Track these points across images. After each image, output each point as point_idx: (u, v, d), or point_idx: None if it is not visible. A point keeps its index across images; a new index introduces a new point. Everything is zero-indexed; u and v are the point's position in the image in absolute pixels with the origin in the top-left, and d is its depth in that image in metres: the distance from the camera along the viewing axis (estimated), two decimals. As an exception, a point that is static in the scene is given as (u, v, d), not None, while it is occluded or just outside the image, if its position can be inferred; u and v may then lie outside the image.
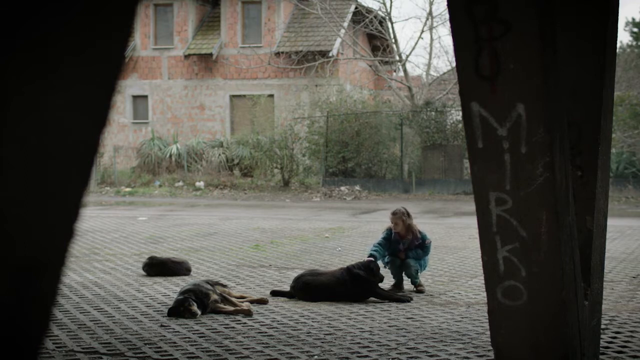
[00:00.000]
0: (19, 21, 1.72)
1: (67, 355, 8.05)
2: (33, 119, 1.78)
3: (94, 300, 10.75)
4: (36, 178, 1.81)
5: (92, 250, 15.69)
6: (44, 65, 1.77)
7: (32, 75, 1.77)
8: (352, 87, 38.03)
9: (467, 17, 5.48)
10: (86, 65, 1.82)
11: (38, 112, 1.77)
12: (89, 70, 1.83)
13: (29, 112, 1.77)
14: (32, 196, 1.81)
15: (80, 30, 1.80)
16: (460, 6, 5.50)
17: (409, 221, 11.91)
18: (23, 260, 1.81)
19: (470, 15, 5.47)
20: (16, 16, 1.71)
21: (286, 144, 33.40)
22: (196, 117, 39.39)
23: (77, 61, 1.80)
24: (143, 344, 8.42)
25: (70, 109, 1.82)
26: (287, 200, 29.45)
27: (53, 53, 1.76)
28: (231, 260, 14.43)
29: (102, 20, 1.83)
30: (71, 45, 1.78)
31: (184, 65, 39.62)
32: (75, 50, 1.79)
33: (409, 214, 12.07)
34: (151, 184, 34.23)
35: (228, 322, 9.46)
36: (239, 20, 39.18)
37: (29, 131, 1.78)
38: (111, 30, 1.87)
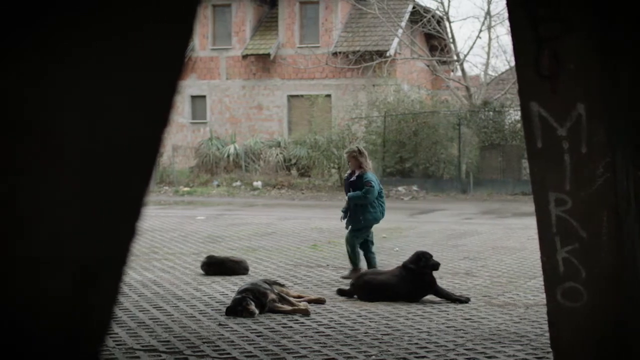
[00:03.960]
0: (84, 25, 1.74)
1: (126, 352, 8.13)
2: (96, 120, 1.80)
3: (153, 299, 10.84)
4: (99, 178, 1.84)
5: (151, 249, 15.82)
6: (107, 67, 1.79)
7: (96, 76, 1.79)
8: (409, 86, 37.89)
9: (527, 17, 5.44)
10: (149, 67, 1.84)
11: (101, 113, 1.80)
12: (151, 71, 1.85)
13: (92, 112, 1.79)
14: (95, 196, 1.84)
15: (142, 33, 1.82)
16: (519, 5, 5.46)
17: (361, 159, 12.22)
18: (86, 260, 1.84)
19: (530, 14, 5.43)
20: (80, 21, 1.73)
21: (343, 143, 33.34)
22: (254, 117, 39.53)
23: (140, 62, 1.82)
24: (201, 343, 8.48)
25: (133, 109, 1.84)
26: (344, 200, 29.42)
27: (116, 55, 1.79)
28: (289, 260, 14.46)
29: (164, 22, 1.85)
30: (134, 47, 1.80)
31: (242, 66, 39.78)
32: (138, 51, 1.81)
33: (360, 151, 12.38)
34: (209, 184, 34.41)
35: (286, 321, 9.49)
36: (297, 21, 39.24)
37: (92, 131, 1.80)
38: (172, 31, 1.89)
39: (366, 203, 12.26)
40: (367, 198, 12.21)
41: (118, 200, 1.88)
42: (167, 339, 8.63)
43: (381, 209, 12.49)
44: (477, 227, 20.01)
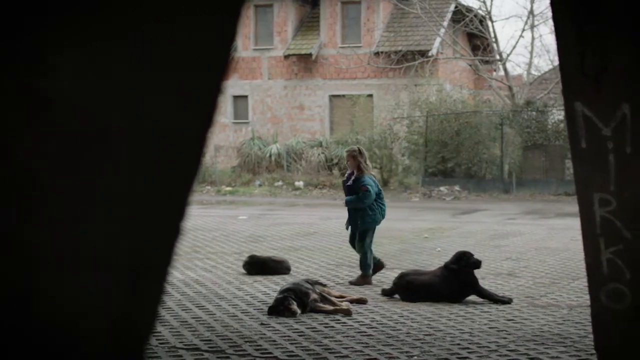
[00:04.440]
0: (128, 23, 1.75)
1: (169, 351, 8.18)
2: (141, 120, 1.81)
3: (195, 298, 10.90)
4: (144, 178, 1.85)
5: (193, 249, 15.89)
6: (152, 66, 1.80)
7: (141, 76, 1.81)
8: (451, 86, 37.75)
9: (571, 16, 5.40)
10: (194, 67, 1.85)
11: (146, 113, 1.81)
12: (197, 71, 1.86)
13: (138, 113, 1.80)
14: (140, 196, 1.85)
15: (187, 33, 1.83)
16: (563, 5, 5.43)
17: (360, 159, 12.04)
18: (131, 259, 1.85)
19: (575, 13, 5.39)
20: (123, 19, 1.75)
21: (385, 143, 33.33)
22: (296, 117, 39.58)
23: (185, 62, 1.83)
24: (243, 342, 8.51)
25: (178, 109, 1.85)
26: (386, 200, 29.38)
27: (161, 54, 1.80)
28: (330, 260, 14.48)
29: (209, 22, 1.86)
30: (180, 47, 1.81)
31: (284, 66, 39.84)
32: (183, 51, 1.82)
33: (361, 152, 12.20)
34: (251, 184, 34.52)
35: (327, 321, 9.49)
36: (339, 21, 39.23)
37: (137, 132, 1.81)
38: (217, 31, 1.90)
39: (364, 207, 12.09)
40: (364, 202, 12.00)
41: (163, 200, 1.89)
42: (209, 338, 8.67)
43: (381, 211, 12.27)
44: (520, 228, 19.90)
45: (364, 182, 11.96)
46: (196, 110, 1.91)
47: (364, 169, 12.09)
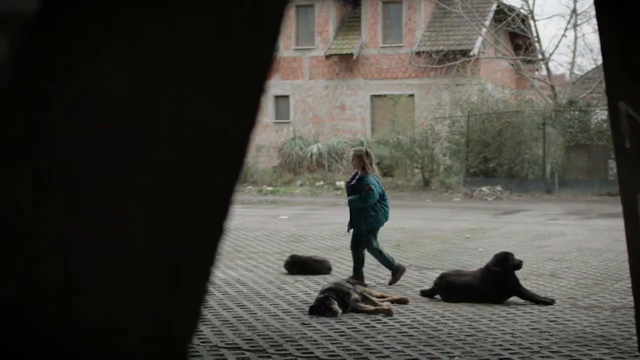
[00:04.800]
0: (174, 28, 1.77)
1: (211, 350, 8.22)
2: (184, 119, 1.83)
3: (236, 298, 10.93)
4: (188, 177, 1.86)
5: (235, 248, 15.95)
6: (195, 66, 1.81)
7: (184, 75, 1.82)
8: (493, 86, 37.57)
9: (616, 15, 5.36)
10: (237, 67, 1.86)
11: (190, 113, 1.82)
12: (240, 71, 1.87)
13: (181, 112, 1.82)
14: (183, 195, 1.86)
15: (230, 34, 1.84)
16: (607, 3, 5.38)
17: (366, 160, 11.93)
18: (174, 259, 1.86)
19: (619, 12, 5.35)
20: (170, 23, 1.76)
21: (427, 143, 33.25)
22: (337, 116, 39.58)
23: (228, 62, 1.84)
24: (284, 342, 8.52)
25: (221, 109, 1.86)
26: (427, 200, 29.32)
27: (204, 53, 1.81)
28: (371, 260, 14.44)
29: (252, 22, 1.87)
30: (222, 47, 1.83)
31: (325, 66, 39.86)
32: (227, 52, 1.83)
33: (367, 153, 12.09)
34: (292, 183, 34.57)
35: (368, 321, 9.49)
36: (380, 21, 39.19)
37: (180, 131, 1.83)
38: (261, 32, 1.91)
39: (366, 207, 11.97)
40: (367, 202, 11.90)
41: (206, 199, 1.91)
42: (250, 337, 8.70)
43: (384, 212, 12.14)
44: (562, 228, 19.76)
45: (367, 181, 11.90)
46: (239, 110, 1.92)
47: (368, 169, 12.02)
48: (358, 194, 11.93)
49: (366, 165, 12.00)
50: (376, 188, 11.92)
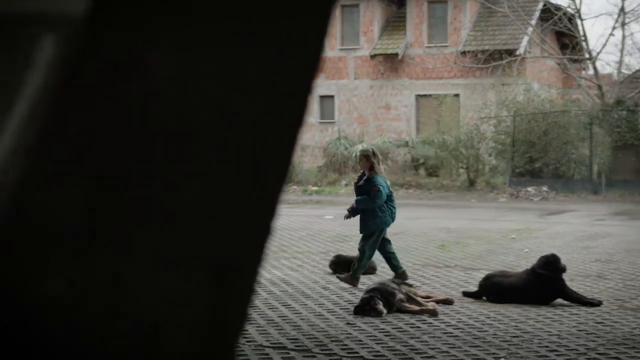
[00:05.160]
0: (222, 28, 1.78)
1: (256, 349, 8.25)
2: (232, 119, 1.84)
3: (282, 297, 10.97)
4: (235, 177, 1.88)
5: (280, 248, 15.99)
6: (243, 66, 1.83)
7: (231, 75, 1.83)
8: (539, 86, 37.31)
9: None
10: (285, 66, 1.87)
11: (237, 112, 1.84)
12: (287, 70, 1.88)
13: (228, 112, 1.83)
14: (230, 195, 1.88)
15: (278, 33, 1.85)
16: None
17: (373, 160, 11.80)
18: (221, 259, 1.88)
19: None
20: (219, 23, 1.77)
21: (472, 143, 33.11)
22: (382, 116, 39.53)
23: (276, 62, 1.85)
24: (329, 341, 8.54)
25: (268, 109, 1.87)
26: (472, 201, 29.20)
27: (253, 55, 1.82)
28: (416, 260, 14.43)
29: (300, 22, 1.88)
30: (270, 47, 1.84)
31: (370, 65, 39.82)
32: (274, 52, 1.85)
33: (374, 153, 11.96)
34: (337, 183, 34.58)
35: (413, 321, 9.47)
36: (425, 20, 39.09)
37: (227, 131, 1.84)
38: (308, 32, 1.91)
39: (374, 207, 11.88)
40: (375, 202, 11.79)
41: (254, 199, 1.92)
42: (295, 337, 8.72)
43: (391, 213, 12.04)
44: (609, 229, 19.58)
45: (375, 182, 11.84)
46: (287, 109, 1.93)
47: (376, 170, 11.95)
48: (366, 195, 11.88)
49: (374, 165, 11.94)
50: (384, 189, 11.86)
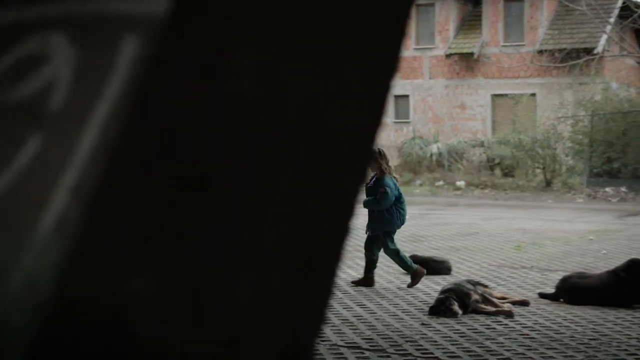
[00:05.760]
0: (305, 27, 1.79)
1: (331, 349, 8.26)
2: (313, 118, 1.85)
3: (356, 297, 10.97)
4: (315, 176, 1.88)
5: (355, 248, 15.96)
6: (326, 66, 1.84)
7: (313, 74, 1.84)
8: (618, 85, 36.73)
9: None
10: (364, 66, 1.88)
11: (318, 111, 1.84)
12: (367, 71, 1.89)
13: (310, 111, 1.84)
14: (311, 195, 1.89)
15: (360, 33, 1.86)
16: None
17: (381, 161, 11.54)
18: (301, 259, 1.89)
19: None
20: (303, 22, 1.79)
21: (548, 143, 32.72)
22: (457, 116, 39.29)
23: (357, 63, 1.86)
24: (404, 341, 8.52)
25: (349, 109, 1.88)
26: (549, 201, 28.86)
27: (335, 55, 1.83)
28: (492, 261, 14.32)
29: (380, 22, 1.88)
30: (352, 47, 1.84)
31: (445, 65, 39.61)
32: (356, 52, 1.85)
33: (381, 153, 11.65)
34: (412, 183, 34.47)
35: (489, 322, 9.41)
36: (501, 19, 38.74)
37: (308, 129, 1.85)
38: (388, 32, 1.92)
39: (381, 209, 11.69)
40: (380, 204, 11.59)
41: (333, 198, 1.93)
42: (370, 337, 8.72)
43: (399, 215, 11.80)
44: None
45: (383, 183, 11.64)
46: (366, 109, 1.93)
47: (385, 170, 11.76)
48: (374, 196, 11.73)
49: (382, 166, 11.76)
50: (392, 190, 11.63)
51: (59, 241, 1.57)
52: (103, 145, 1.61)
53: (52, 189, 1.63)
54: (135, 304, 1.63)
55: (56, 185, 1.63)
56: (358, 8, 1.85)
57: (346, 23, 1.84)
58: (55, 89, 1.75)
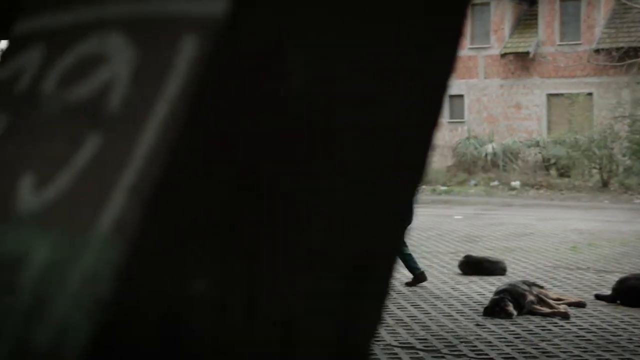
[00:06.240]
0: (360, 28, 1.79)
1: (385, 349, 8.25)
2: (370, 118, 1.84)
3: (410, 297, 10.94)
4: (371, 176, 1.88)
5: (409, 248, 15.93)
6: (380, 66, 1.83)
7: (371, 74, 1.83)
8: (677, 84, 36.22)
9: None
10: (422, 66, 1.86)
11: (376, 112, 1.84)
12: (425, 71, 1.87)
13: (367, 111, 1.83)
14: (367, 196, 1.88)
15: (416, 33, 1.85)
16: None
17: None
18: (356, 259, 1.88)
19: None
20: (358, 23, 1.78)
21: (605, 143, 32.38)
22: (512, 116, 39.01)
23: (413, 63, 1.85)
24: (458, 342, 8.47)
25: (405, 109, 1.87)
26: (605, 202, 28.55)
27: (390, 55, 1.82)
28: (547, 262, 14.20)
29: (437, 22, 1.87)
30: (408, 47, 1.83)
31: (500, 64, 39.35)
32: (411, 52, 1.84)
33: None
34: (466, 183, 34.30)
35: (544, 324, 9.32)
36: (557, 18, 38.40)
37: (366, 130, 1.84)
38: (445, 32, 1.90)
39: None
40: None
41: (389, 199, 1.92)
42: (424, 337, 8.69)
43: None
44: None
45: None
46: (422, 110, 1.92)
47: None
48: None
49: None
50: None
51: (117, 242, 1.58)
52: (161, 145, 1.61)
53: (110, 189, 1.64)
54: (192, 304, 1.63)
55: (115, 185, 1.64)
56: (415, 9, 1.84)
57: (403, 23, 1.83)
58: (113, 89, 1.76)
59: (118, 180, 1.64)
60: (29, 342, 1.63)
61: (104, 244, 1.60)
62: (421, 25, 1.85)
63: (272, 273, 1.75)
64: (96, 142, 1.73)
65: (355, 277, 1.88)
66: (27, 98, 1.93)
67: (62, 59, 1.90)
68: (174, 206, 1.62)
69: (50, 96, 1.88)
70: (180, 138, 1.62)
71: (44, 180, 1.78)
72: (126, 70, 1.76)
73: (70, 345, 1.56)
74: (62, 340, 1.58)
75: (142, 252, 1.58)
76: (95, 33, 1.86)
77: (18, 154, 1.88)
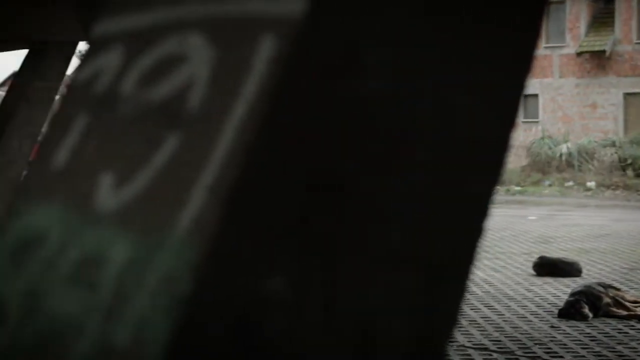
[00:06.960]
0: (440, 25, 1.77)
1: (458, 349, 8.20)
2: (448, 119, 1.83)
3: (484, 298, 10.86)
4: (448, 177, 1.87)
5: (482, 248, 15.81)
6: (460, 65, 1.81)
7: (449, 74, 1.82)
8: None
9: None
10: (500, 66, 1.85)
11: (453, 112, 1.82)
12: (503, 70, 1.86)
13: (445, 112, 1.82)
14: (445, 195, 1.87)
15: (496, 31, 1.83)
16: None
17: None
18: (435, 260, 1.87)
19: None
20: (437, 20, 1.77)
21: (683, 143, 31.86)
22: (587, 115, 38.53)
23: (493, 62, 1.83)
24: (533, 344, 8.39)
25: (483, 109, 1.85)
26: None
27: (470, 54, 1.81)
28: (624, 263, 13.99)
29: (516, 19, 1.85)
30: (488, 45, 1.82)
31: (576, 64, 38.89)
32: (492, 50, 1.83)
33: None
34: (540, 183, 33.97)
35: (621, 326, 9.18)
36: (634, 16, 37.83)
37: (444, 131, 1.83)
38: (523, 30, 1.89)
39: None
40: None
41: (467, 199, 1.90)
42: (498, 339, 8.62)
43: None
44: None
45: None
46: (500, 109, 1.91)
47: None
48: None
49: None
50: None
51: (195, 242, 1.59)
52: (239, 145, 1.62)
53: (189, 188, 1.65)
54: (268, 305, 1.64)
55: (193, 185, 1.65)
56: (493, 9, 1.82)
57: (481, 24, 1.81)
58: (192, 90, 1.77)
59: (196, 180, 1.65)
60: (109, 340, 1.65)
61: (182, 244, 1.61)
62: (499, 26, 1.84)
63: (351, 273, 1.75)
64: (175, 142, 1.74)
65: (435, 277, 1.87)
66: (107, 98, 1.95)
67: (141, 59, 1.92)
68: (251, 206, 1.62)
69: (129, 96, 1.90)
70: (258, 138, 1.62)
71: (123, 180, 1.79)
72: (205, 70, 1.77)
73: (148, 344, 1.57)
74: (141, 339, 1.59)
75: (220, 252, 1.58)
76: (174, 33, 1.87)
77: (97, 154, 1.90)
